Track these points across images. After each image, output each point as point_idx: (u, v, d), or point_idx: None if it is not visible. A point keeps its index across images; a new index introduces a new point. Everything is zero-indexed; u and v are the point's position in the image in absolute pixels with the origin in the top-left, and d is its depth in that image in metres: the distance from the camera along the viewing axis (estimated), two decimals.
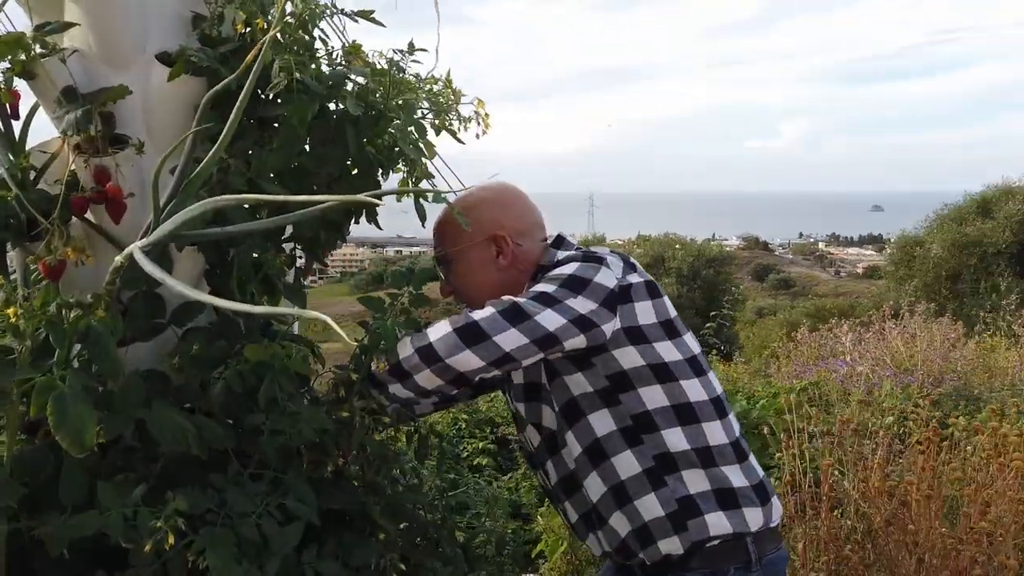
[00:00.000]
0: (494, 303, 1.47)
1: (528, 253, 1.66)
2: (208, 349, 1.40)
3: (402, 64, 1.47)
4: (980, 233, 15.92)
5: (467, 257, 1.66)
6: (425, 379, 1.46)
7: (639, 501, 1.48)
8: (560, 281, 1.48)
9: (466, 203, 1.64)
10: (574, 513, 1.63)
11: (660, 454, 1.49)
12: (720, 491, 1.49)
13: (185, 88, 1.42)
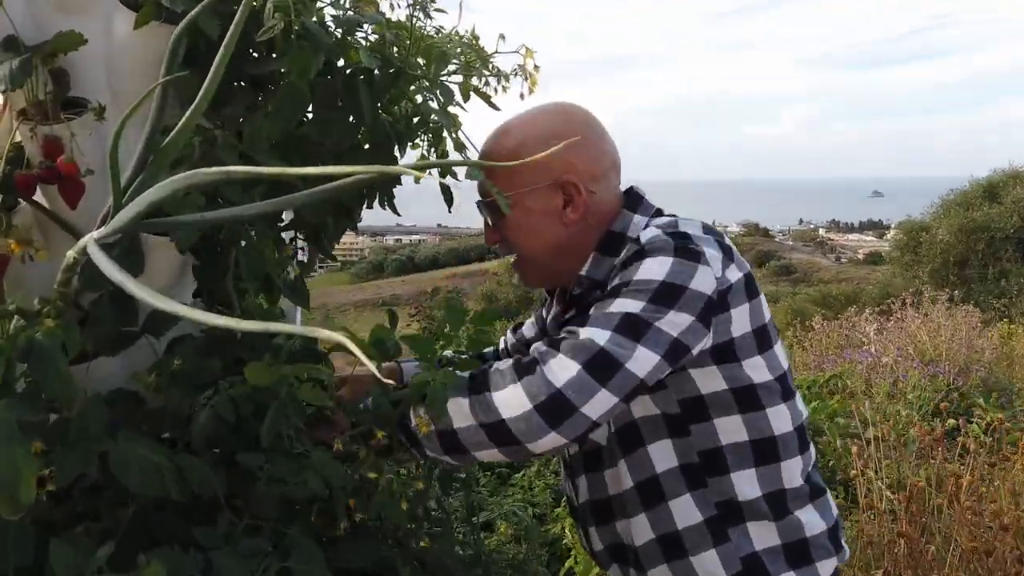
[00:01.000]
0: (574, 346, 1.11)
1: (600, 205, 1.31)
2: (195, 365, 1.12)
3: (427, 8, 1.18)
4: (987, 218, 15.80)
5: (525, 204, 1.28)
6: (488, 455, 1.15)
7: (696, 558, 1.24)
8: (649, 293, 1.13)
9: (533, 133, 1.28)
10: (599, 542, 1.38)
11: (725, 501, 1.24)
12: (791, 545, 1.26)
13: (156, 39, 1.12)
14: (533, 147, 1.19)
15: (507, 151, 1.27)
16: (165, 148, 0.91)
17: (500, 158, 1.26)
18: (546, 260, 1.32)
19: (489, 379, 1.14)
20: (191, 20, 0.84)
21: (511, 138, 1.29)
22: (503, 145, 1.29)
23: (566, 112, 1.32)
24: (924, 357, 6.18)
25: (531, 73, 1.23)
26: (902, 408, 4.82)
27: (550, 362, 1.10)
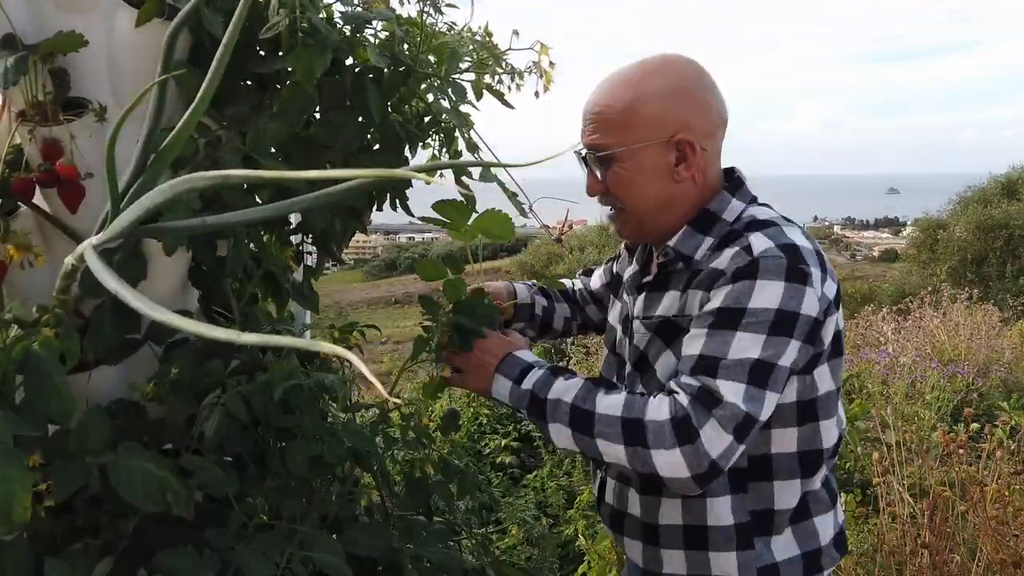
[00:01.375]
0: (725, 417, 1.10)
1: (710, 164, 1.29)
2: (196, 372, 1.09)
3: (439, 5, 1.13)
4: (1006, 215, 15.60)
5: (638, 158, 1.24)
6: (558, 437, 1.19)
7: (715, 554, 1.25)
8: (767, 325, 1.12)
9: (650, 87, 1.23)
10: (612, 497, 1.38)
11: (761, 511, 1.24)
12: (808, 555, 1.27)
13: (160, 37, 1.08)
14: (650, 102, 1.22)
15: (623, 105, 1.24)
16: (164, 150, 0.87)
17: (615, 111, 1.23)
18: (650, 216, 1.30)
19: (647, 433, 1.11)
20: (186, 16, 0.80)
21: (628, 91, 1.24)
22: (619, 98, 1.24)
23: (681, 65, 1.27)
24: (943, 357, 6.09)
25: (546, 70, 1.18)
26: (921, 409, 4.74)
27: (707, 430, 1.09)
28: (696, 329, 1.17)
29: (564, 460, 4.64)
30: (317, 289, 1.46)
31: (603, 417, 1.13)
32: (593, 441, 1.14)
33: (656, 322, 1.28)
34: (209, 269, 1.19)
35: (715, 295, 1.17)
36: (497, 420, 5.30)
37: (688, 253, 1.26)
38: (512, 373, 1.23)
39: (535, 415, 1.19)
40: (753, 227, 1.21)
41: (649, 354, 1.29)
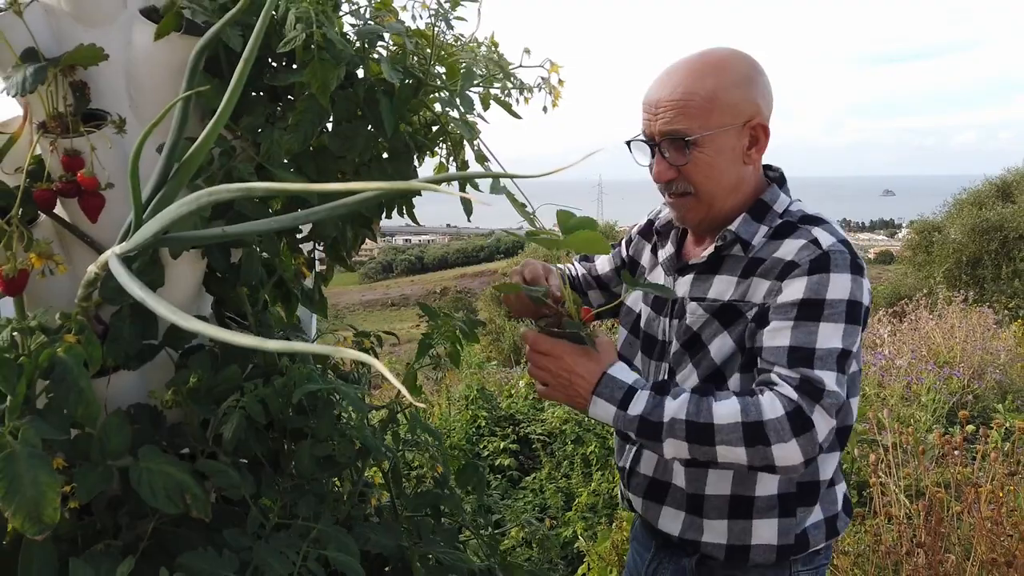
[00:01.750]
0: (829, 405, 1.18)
1: (765, 150, 1.37)
2: (213, 378, 1.11)
3: (449, 19, 1.16)
4: (1001, 218, 15.63)
5: (718, 143, 1.30)
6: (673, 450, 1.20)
7: (759, 521, 1.34)
8: (843, 315, 1.21)
9: (727, 75, 1.31)
10: (652, 469, 1.43)
11: (807, 483, 1.35)
12: (829, 520, 1.39)
13: (177, 51, 1.12)
14: (730, 89, 1.30)
15: (707, 92, 1.29)
16: (187, 161, 0.90)
17: (700, 98, 1.29)
18: (720, 199, 1.35)
19: (767, 432, 1.15)
20: (214, 34, 0.83)
21: (708, 79, 1.30)
22: (702, 86, 1.29)
23: (746, 56, 1.34)
24: (939, 359, 6.13)
25: (555, 87, 1.21)
26: (917, 411, 4.78)
27: (817, 419, 1.16)
28: (780, 321, 1.23)
29: (562, 462, 4.67)
30: None
31: (723, 427, 1.15)
32: (713, 449, 1.16)
33: (716, 305, 1.33)
34: (224, 276, 1.22)
35: (791, 285, 1.24)
36: (495, 423, 5.33)
37: (747, 238, 1.33)
38: (615, 397, 1.21)
39: (645, 436, 1.19)
40: (808, 221, 1.31)
41: (703, 334, 1.34)
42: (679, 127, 1.29)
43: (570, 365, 1.21)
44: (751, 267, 1.31)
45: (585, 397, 1.21)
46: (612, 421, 1.20)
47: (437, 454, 1.41)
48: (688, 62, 1.33)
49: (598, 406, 1.21)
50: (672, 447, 1.18)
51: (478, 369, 6.66)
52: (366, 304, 41.21)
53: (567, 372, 1.21)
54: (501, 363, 10.41)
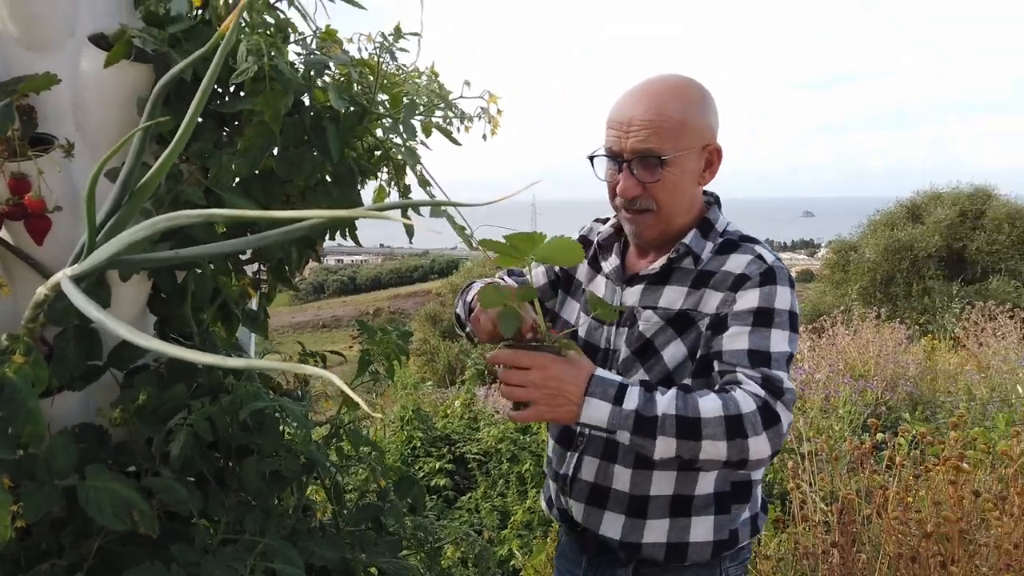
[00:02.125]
0: (788, 401, 1.27)
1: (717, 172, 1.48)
2: (160, 397, 1.13)
3: (392, 50, 1.23)
4: (911, 238, 16.45)
5: (683, 164, 1.39)
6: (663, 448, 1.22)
7: (697, 519, 1.43)
8: (788, 324, 1.34)
9: (697, 98, 1.40)
10: (593, 475, 1.48)
11: (742, 481, 1.45)
12: (752, 517, 1.50)
13: (126, 77, 1.15)
14: (696, 113, 1.39)
15: (679, 115, 1.37)
16: (141, 188, 0.93)
17: (673, 120, 1.36)
18: (677, 216, 1.44)
19: (745, 424, 1.21)
20: (180, 71, 0.87)
21: (679, 103, 1.38)
22: (674, 109, 1.37)
23: (701, 83, 1.43)
24: (854, 373, 6.43)
25: (494, 117, 1.28)
26: (835, 422, 5.02)
27: (782, 412, 1.25)
28: (738, 327, 1.33)
29: (498, 481, 4.71)
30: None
31: (709, 420, 1.21)
32: (699, 444, 1.20)
33: (671, 313, 1.41)
34: (170, 297, 1.24)
35: (746, 296, 1.35)
36: (431, 443, 5.33)
37: (698, 252, 1.43)
38: (608, 394, 1.22)
39: (640, 433, 1.21)
40: (747, 240, 1.44)
41: (656, 341, 1.42)
42: (653, 146, 1.36)
43: (558, 373, 1.21)
44: (701, 279, 1.41)
45: (576, 401, 1.21)
46: (607, 420, 1.21)
47: (378, 467, 1.45)
48: (658, 85, 1.41)
49: (591, 406, 1.21)
50: (663, 444, 1.20)
51: (413, 389, 6.65)
52: (296, 326, 40.39)
53: (556, 380, 1.20)
54: (436, 383, 10.40)
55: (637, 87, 1.42)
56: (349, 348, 3.68)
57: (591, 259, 1.63)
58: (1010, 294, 13.33)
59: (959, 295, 13.94)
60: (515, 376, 1.21)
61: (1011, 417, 4.39)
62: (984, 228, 16.05)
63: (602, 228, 1.62)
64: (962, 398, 5.69)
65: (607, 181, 1.46)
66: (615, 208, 1.49)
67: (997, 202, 16.51)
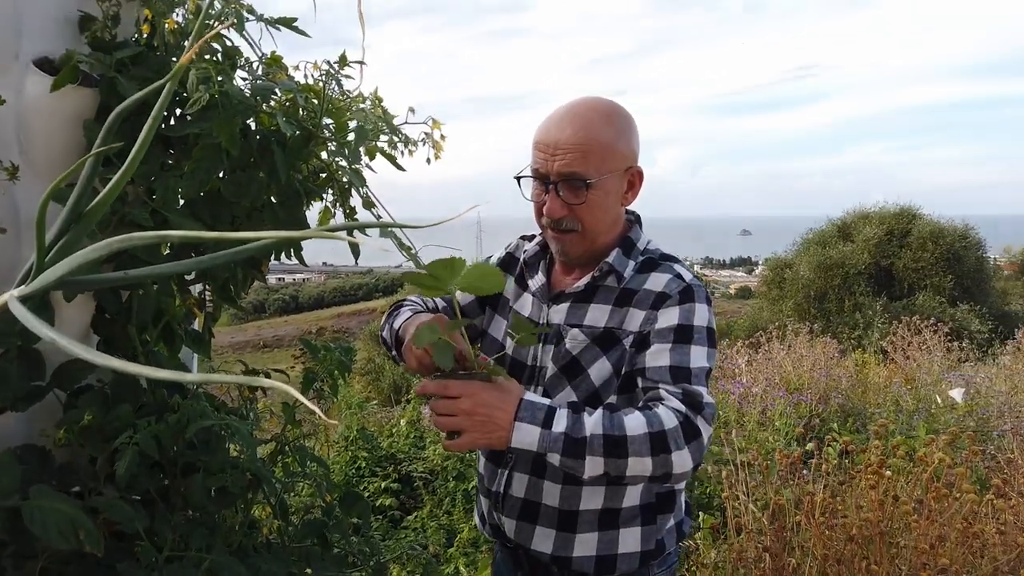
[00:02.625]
0: (709, 416, 1.31)
1: (639, 193, 1.53)
2: (105, 416, 1.14)
3: (338, 77, 1.27)
4: (842, 255, 17.05)
5: (607, 186, 1.43)
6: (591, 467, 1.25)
7: (625, 531, 1.47)
8: (707, 340, 1.40)
9: (621, 123, 1.45)
10: (523, 490, 1.50)
11: (666, 492, 1.50)
12: (678, 524, 1.56)
13: (71, 101, 1.17)
14: (620, 138, 1.43)
15: (605, 139, 1.41)
16: (91, 210, 0.95)
17: (598, 145, 1.40)
18: (601, 236, 1.48)
19: (668, 440, 1.25)
20: (137, 100, 0.89)
21: (605, 127, 1.42)
22: (600, 132, 1.41)
23: (624, 108, 1.48)
24: (789, 386, 6.64)
25: (437, 141, 1.34)
26: (771, 434, 5.18)
27: (703, 426, 1.29)
28: (660, 344, 1.38)
29: (444, 500, 4.71)
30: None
31: (635, 438, 1.24)
32: (626, 461, 1.24)
33: (597, 331, 1.46)
34: (114, 317, 1.25)
35: (666, 314, 1.40)
36: (376, 463, 5.29)
37: (620, 270, 1.48)
38: (537, 419, 1.25)
39: (569, 455, 1.24)
40: (666, 259, 1.50)
41: (583, 359, 1.46)
42: (579, 170, 1.40)
43: (487, 399, 1.23)
44: (624, 297, 1.46)
45: (506, 427, 1.23)
46: (536, 444, 1.24)
47: (324, 483, 1.47)
48: (583, 108, 1.44)
49: (521, 431, 1.24)
50: (591, 464, 1.23)
51: (358, 409, 6.59)
52: (236, 346, 39.39)
53: (485, 407, 1.23)
54: (381, 403, 10.30)
55: (564, 110, 1.45)
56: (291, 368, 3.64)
57: (518, 276, 1.65)
58: (935, 309, 13.93)
59: (887, 310, 14.49)
60: (445, 406, 1.23)
61: (932, 426, 4.61)
62: (910, 246, 16.77)
63: (528, 246, 1.65)
64: (890, 409, 5.93)
65: (534, 201, 1.49)
66: (541, 227, 1.52)
67: (921, 221, 17.27)
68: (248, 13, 1.27)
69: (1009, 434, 3.97)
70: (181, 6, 1.19)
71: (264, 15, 1.31)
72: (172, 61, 1.21)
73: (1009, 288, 19.50)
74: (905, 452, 2.56)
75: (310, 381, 1.51)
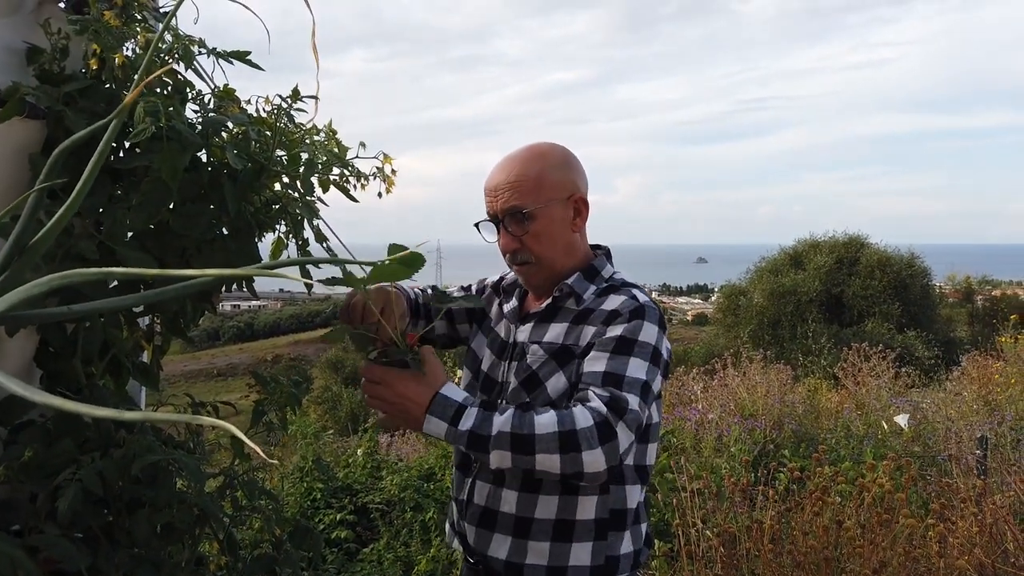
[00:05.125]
0: (631, 420, 1.36)
1: (585, 224, 1.64)
2: (46, 452, 1.12)
3: (291, 111, 1.28)
4: (794, 283, 17.40)
5: (549, 214, 1.56)
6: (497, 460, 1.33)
7: (577, 544, 1.50)
8: (649, 355, 1.44)
9: (551, 160, 1.58)
10: (483, 498, 1.56)
11: (618, 510, 1.53)
12: (636, 552, 1.57)
13: (16, 133, 1.16)
14: (552, 170, 1.56)
15: (535, 173, 1.55)
16: (35, 244, 0.94)
17: (530, 179, 1.54)
18: (557, 261, 1.59)
19: (579, 439, 1.31)
20: (87, 136, 0.89)
21: (535, 164, 1.56)
22: (530, 169, 1.56)
23: (562, 146, 1.63)
24: (744, 412, 6.73)
25: (388, 176, 1.35)
26: (726, 461, 5.24)
27: (621, 430, 1.34)
28: (599, 352, 1.44)
29: (401, 531, 4.64)
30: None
31: (542, 436, 1.31)
32: (533, 458, 1.31)
33: (555, 347, 1.54)
34: (59, 351, 1.23)
35: (614, 328, 1.46)
36: (332, 494, 5.21)
37: (580, 292, 1.57)
38: (446, 415, 1.35)
39: (474, 448, 1.34)
40: (627, 285, 1.59)
41: (541, 373, 1.53)
42: (516, 203, 1.53)
43: (401, 391, 1.35)
44: (582, 316, 1.54)
45: (418, 418, 1.34)
46: (444, 436, 1.34)
47: (273, 517, 1.45)
48: (518, 153, 1.60)
49: (431, 424, 1.34)
50: (497, 457, 1.32)
51: (314, 439, 6.49)
52: (188, 375, 38.47)
53: (400, 398, 1.35)
54: (338, 432, 10.15)
55: (504, 157, 1.61)
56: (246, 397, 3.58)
57: (500, 301, 1.77)
58: (883, 336, 14.27)
59: (837, 337, 14.79)
60: (370, 388, 1.36)
61: (880, 451, 4.72)
62: (859, 274, 17.21)
63: (510, 275, 1.77)
64: (840, 435, 6.04)
65: (493, 242, 1.62)
66: (507, 264, 1.64)
67: (870, 250, 17.75)
68: (200, 47, 1.28)
69: (952, 460, 4.09)
70: (131, 40, 1.19)
71: (216, 48, 1.32)
72: (122, 94, 1.21)
73: (954, 315, 20.12)
74: (851, 478, 2.62)
75: (259, 415, 1.50)
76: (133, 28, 1.23)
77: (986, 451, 3.73)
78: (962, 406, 6.27)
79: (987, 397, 6.65)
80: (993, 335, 12.17)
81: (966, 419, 5.63)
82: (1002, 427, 5.14)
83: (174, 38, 1.15)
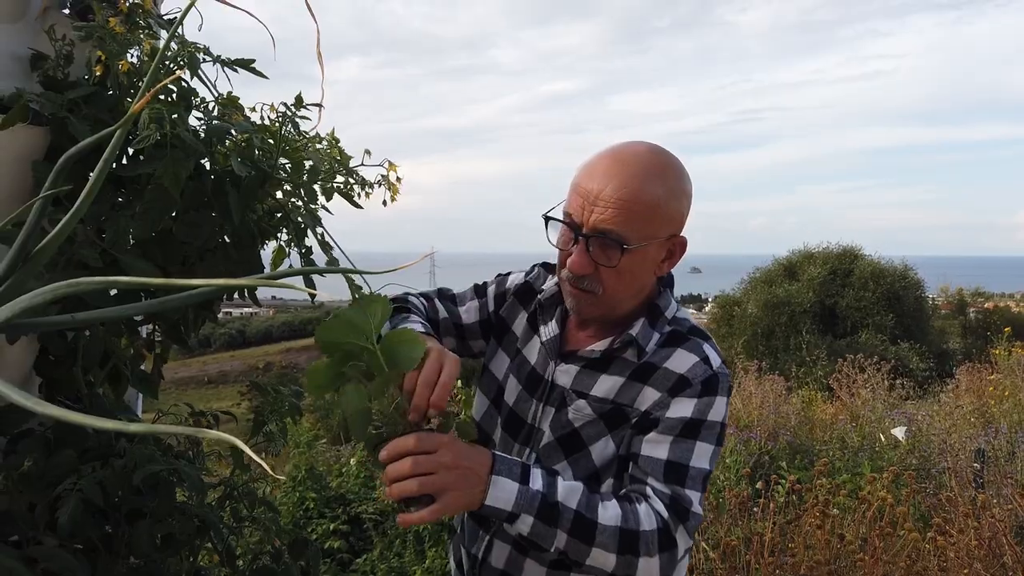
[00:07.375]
0: (691, 527, 1.21)
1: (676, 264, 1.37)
2: (47, 462, 1.10)
3: (295, 119, 1.28)
4: (788, 294, 17.46)
5: (644, 253, 1.26)
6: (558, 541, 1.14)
7: None
8: (715, 436, 1.25)
9: (674, 180, 1.26)
10: (503, 562, 1.36)
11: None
12: None
13: (20, 140, 1.15)
14: (670, 200, 1.25)
15: (652, 199, 1.23)
16: (39, 252, 0.93)
17: (643, 205, 1.22)
18: (623, 302, 1.32)
19: (639, 543, 1.15)
20: (90, 145, 0.88)
21: (657, 186, 1.24)
22: (650, 192, 1.23)
23: (678, 161, 1.29)
24: (739, 424, 6.73)
25: (393, 184, 1.35)
26: (720, 473, 5.23)
27: (680, 538, 1.18)
28: (661, 436, 1.23)
29: (395, 541, 4.62)
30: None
31: (605, 528, 1.13)
32: (590, 549, 1.13)
33: (606, 406, 1.30)
34: (59, 359, 1.22)
35: (681, 403, 1.24)
36: (325, 504, 5.18)
37: (644, 345, 1.30)
38: (514, 472, 1.12)
39: (543, 518, 1.12)
40: (695, 333, 1.33)
41: (584, 433, 1.31)
42: (618, 230, 1.22)
43: (464, 450, 1.09)
44: (642, 373, 1.29)
45: (484, 479, 1.09)
46: (513, 502, 1.11)
47: (273, 528, 1.44)
48: (633, 158, 1.25)
49: (498, 486, 1.10)
50: (558, 537, 1.13)
51: (307, 448, 6.45)
52: (179, 382, 38.17)
53: (466, 459, 1.09)
54: (331, 441, 10.10)
55: (613, 156, 1.27)
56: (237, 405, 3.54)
57: (531, 315, 1.48)
58: (877, 347, 14.31)
59: (831, 348, 14.82)
60: (424, 462, 1.04)
61: (876, 464, 4.72)
62: (852, 285, 17.28)
63: (548, 284, 1.47)
64: (835, 447, 6.05)
65: (559, 248, 1.33)
66: (560, 277, 1.35)
67: (863, 261, 17.83)
68: (205, 55, 1.27)
69: (949, 472, 4.09)
70: (135, 47, 1.19)
71: (221, 55, 1.31)
72: (125, 101, 1.20)
73: (947, 327, 20.19)
74: (850, 490, 2.62)
75: (259, 426, 1.49)
76: (137, 35, 1.23)
77: (983, 464, 3.73)
78: (958, 418, 6.28)
79: (982, 409, 6.67)
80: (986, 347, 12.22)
81: (961, 431, 5.64)
82: (997, 439, 5.15)
83: (180, 45, 1.15)
